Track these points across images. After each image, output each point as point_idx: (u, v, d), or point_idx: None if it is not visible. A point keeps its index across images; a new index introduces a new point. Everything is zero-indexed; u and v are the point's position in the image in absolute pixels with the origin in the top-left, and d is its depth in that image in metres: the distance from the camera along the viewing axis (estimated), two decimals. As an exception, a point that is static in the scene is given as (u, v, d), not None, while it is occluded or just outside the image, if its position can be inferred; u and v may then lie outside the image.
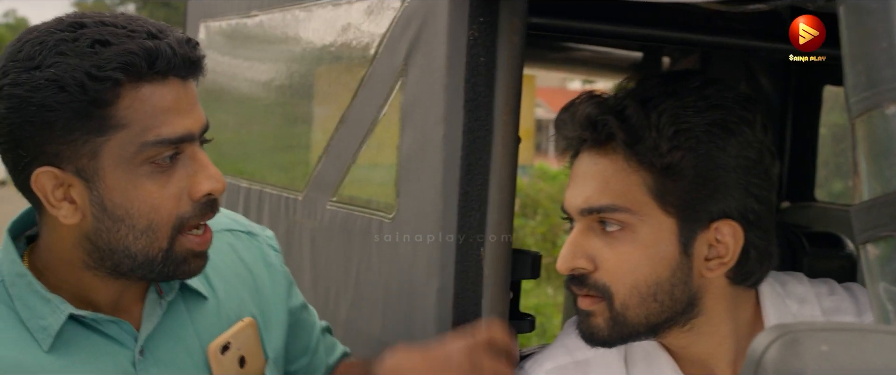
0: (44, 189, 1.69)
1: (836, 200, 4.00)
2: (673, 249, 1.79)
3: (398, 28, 2.21)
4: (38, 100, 1.62)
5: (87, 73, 1.61)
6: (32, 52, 1.64)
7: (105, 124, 1.65)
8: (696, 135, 1.75)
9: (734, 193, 1.77)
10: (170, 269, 1.78)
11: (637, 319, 1.82)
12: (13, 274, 1.78)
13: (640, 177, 1.78)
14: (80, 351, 1.77)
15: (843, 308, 1.96)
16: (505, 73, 1.96)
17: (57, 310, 1.75)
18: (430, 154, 2.05)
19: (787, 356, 0.96)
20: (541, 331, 9.78)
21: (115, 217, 1.71)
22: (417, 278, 2.11)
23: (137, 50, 1.64)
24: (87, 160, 1.67)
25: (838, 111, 5.34)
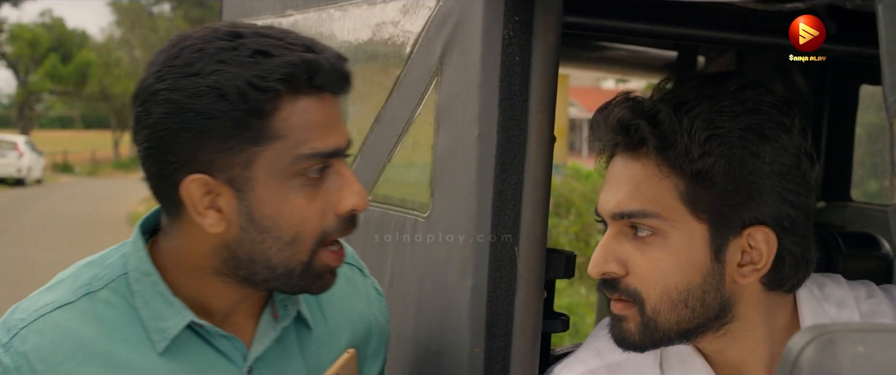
0: (192, 196, 1.68)
1: (871, 200, 3.98)
2: (704, 255, 1.78)
3: (433, 27, 2.21)
4: (198, 107, 1.62)
5: (249, 83, 1.62)
6: (191, 59, 1.64)
7: (262, 135, 1.65)
8: (729, 140, 1.73)
9: (768, 199, 1.75)
10: (306, 283, 1.78)
11: (668, 325, 1.81)
12: (139, 272, 1.79)
13: (671, 182, 1.76)
14: (191, 360, 1.79)
15: (881, 311, 1.94)
16: (540, 72, 1.96)
17: (179, 315, 1.76)
18: (464, 153, 2.05)
19: (822, 357, 0.96)
20: (574, 331, 9.77)
21: (261, 228, 1.71)
22: (451, 277, 2.11)
23: (299, 62, 1.65)
24: (241, 170, 1.67)
25: (874, 110, 5.31)
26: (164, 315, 1.76)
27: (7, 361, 1.70)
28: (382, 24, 2.49)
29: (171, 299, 1.77)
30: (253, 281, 1.77)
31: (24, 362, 1.70)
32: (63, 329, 1.73)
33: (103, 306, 1.77)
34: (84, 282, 1.79)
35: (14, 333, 1.73)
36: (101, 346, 1.74)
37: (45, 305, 1.76)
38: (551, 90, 1.98)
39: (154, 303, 1.77)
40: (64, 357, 1.71)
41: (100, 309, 1.77)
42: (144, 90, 1.68)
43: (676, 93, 1.80)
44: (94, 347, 1.73)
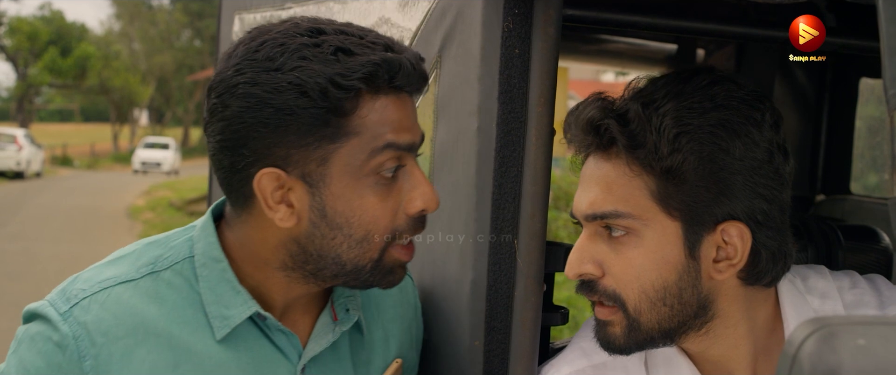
0: (264, 190, 1.69)
1: (871, 193, 3.98)
2: (679, 253, 1.78)
3: (432, 20, 2.21)
4: (278, 102, 1.63)
5: (331, 81, 1.63)
6: (273, 54, 1.65)
7: (339, 132, 1.66)
8: (698, 137, 1.73)
9: (740, 195, 1.75)
10: (375, 278, 1.80)
11: (650, 324, 1.81)
12: (208, 257, 1.80)
13: (642, 180, 1.77)
14: (248, 351, 1.79)
15: (865, 301, 1.94)
16: (540, 65, 1.96)
17: (245, 304, 1.77)
18: (464, 146, 2.05)
19: (823, 350, 0.96)
20: (573, 324, 9.76)
21: (333, 224, 1.72)
22: (451, 270, 2.11)
23: (380, 61, 1.66)
24: (316, 166, 1.68)
25: (874, 103, 5.31)
26: (230, 303, 1.77)
27: (65, 330, 1.69)
28: (382, 17, 2.49)
29: (238, 288, 1.78)
30: (320, 276, 1.78)
31: (84, 332, 1.69)
32: (126, 304, 1.74)
33: (166, 287, 1.78)
34: (148, 261, 1.80)
35: (75, 302, 1.72)
36: (161, 326, 1.74)
37: (109, 278, 1.77)
38: (551, 83, 1.97)
39: (220, 290, 1.77)
40: (125, 333, 1.72)
41: (162, 289, 1.77)
42: (222, 82, 1.68)
43: (646, 92, 1.80)
44: (154, 326, 1.74)
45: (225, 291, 1.77)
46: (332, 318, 1.89)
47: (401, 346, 2.06)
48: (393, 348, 2.03)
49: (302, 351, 1.84)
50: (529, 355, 1.99)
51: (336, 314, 1.90)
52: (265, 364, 1.80)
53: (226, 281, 1.78)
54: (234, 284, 1.77)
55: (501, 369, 2.00)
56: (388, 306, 2.03)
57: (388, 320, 2.03)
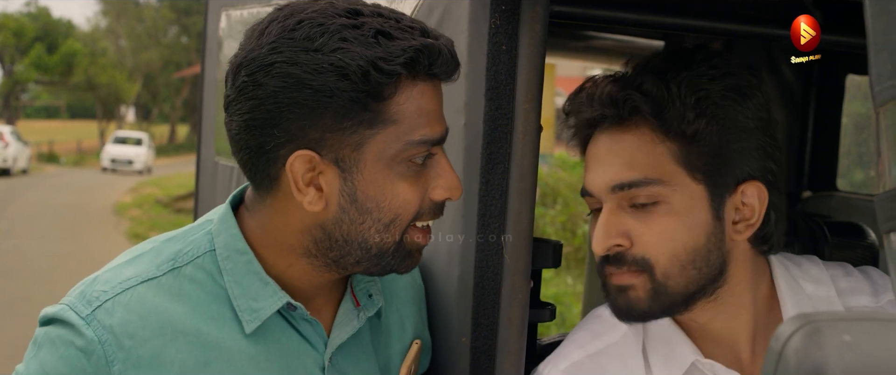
0: (296, 172, 1.67)
1: (857, 190, 3.99)
2: (706, 215, 1.83)
3: (420, 16, 2.20)
4: (318, 83, 1.60)
5: (373, 64, 1.60)
6: (312, 34, 1.62)
7: (377, 118, 1.65)
8: (715, 100, 1.80)
9: (755, 154, 1.83)
10: (396, 262, 1.78)
11: (677, 288, 1.84)
12: (231, 249, 1.77)
13: (666, 147, 1.81)
14: (277, 343, 1.78)
15: (859, 288, 1.99)
16: (526, 62, 1.96)
17: (274, 296, 1.75)
18: (451, 142, 2.05)
19: (809, 346, 0.96)
20: (560, 320, 9.78)
21: (363, 209, 1.70)
22: (438, 267, 2.11)
23: (421, 47, 1.64)
24: (350, 151, 1.66)
25: (860, 100, 5.32)
26: (258, 295, 1.75)
27: (90, 334, 1.65)
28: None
29: (266, 279, 1.76)
30: (342, 263, 1.76)
31: (110, 336, 1.66)
32: (150, 304, 1.71)
33: (188, 282, 1.75)
34: (168, 257, 1.77)
35: (98, 305, 1.68)
36: (189, 324, 1.72)
37: (130, 278, 1.73)
38: (538, 80, 1.97)
39: (247, 282, 1.75)
40: (152, 334, 1.69)
41: (185, 285, 1.75)
42: (255, 60, 1.64)
43: (653, 67, 1.85)
44: (182, 324, 1.71)
45: (252, 283, 1.75)
46: (354, 304, 1.88)
47: (416, 327, 2.06)
48: (409, 330, 2.03)
49: (327, 340, 1.83)
50: (516, 351, 1.99)
51: (358, 300, 1.89)
52: (293, 356, 1.79)
53: (252, 273, 1.76)
54: (261, 275, 1.75)
55: (488, 365, 2.00)
56: (399, 288, 2.03)
57: (401, 302, 2.03)
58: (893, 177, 1.22)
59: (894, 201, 1.21)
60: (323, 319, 1.85)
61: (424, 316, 2.12)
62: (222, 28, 3.57)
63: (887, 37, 1.23)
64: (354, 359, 1.88)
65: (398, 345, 1.99)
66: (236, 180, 3.27)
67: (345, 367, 1.85)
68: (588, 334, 2.01)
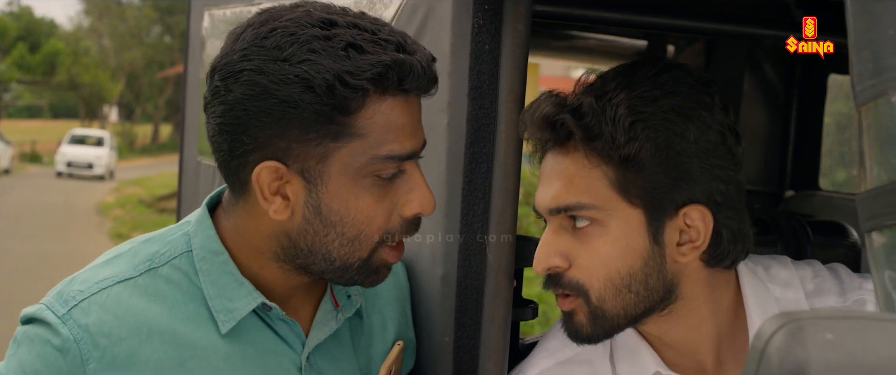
0: (262, 181, 1.67)
1: (839, 189, 4.00)
2: (643, 240, 1.80)
3: (403, 16, 2.20)
4: (283, 94, 1.60)
5: (339, 78, 1.59)
6: (282, 43, 1.61)
7: (343, 131, 1.64)
8: (652, 124, 1.75)
9: (698, 178, 1.78)
10: (361, 277, 1.78)
11: (615, 311, 1.83)
12: (207, 250, 1.78)
13: (601, 171, 1.78)
14: (253, 343, 1.78)
15: (826, 288, 1.98)
16: (509, 61, 1.96)
17: (249, 296, 1.76)
18: (434, 142, 2.05)
19: (791, 344, 0.96)
20: (544, 319, 9.78)
21: (327, 222, 1.70)
22: (422, 266, 2.11)
23: (391, 63, 1.62)
24: (315, 162, 1.66)
25: (842, 100, 5.34)
26: (234, 296, 1.75)
27: (66, 333, 1.66)
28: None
29: (241, 279, 1.76)
30: (309, 270, 1.76)
31: (86, 335, 1.66)
32: (126, 304, 1.71)
33: (165, 283, 1.76)
34: (145, 258, 1.78)
35: (74, 305, 1.69)
36: (165, 324, 1.72)
37: (106, 278, 1.74)
38: (521, 79, 1.97)
39: (223, 283, 1.76)
40: (128, 333, 1.69)
41: (161, 285, 1.75)
42: (227, 66, 1.65)
43: (597, 86, 1.82)
44: (158, 324, 1.71)
45: (228, 284, 1.75)
46: (334, 305, 1.88)
47: (399, 328, 2.06)
48: (391, 331, 2.03)
49: (305, 340, 1.83)
50: (499, 351, 1.99)
51: (337, 300, 1.89)
52: (270, 355, 1.79)
53: (228, 274, 1.76)
54: (236, 276, 1.76)
55: (471, 365, 2.00)
56: (382, 289, 2.03)
57: (384, 303, 2.03)
58: (875, 176, 1.23)
59: (875, 200, 1.22)
60: (301, 319, 1.85)
61: (408, 317, 2.12)
62: (205, 27, 3.56)
63: (868, 36, 1.23)
64: (333, 360, 1.88)
65: (380, 346, 1.99)
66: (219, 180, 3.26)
67: (323, 367, 1.85)
68: (558, 342, 2.01)
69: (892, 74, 1.21)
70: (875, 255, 1.22)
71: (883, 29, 1.22)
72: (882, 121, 1.22)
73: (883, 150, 1.22)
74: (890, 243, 1.20)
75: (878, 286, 1.22)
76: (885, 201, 1.21)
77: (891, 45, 1.21)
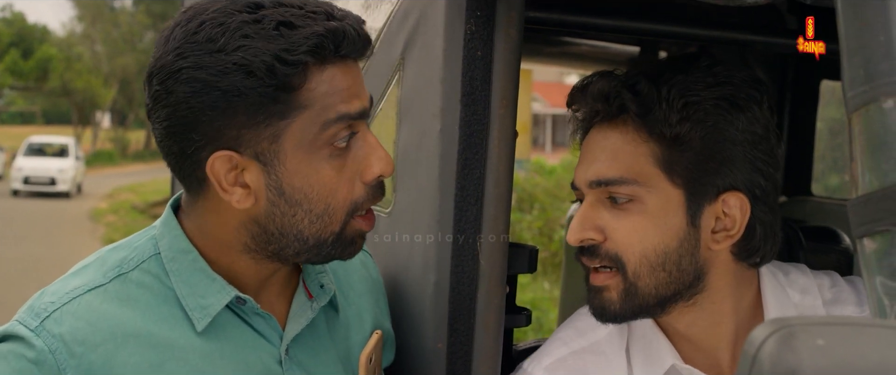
0: (217, 173, 1.66)
1: (832, 195, 4.00)
2: (680, 220, 1.83)
3: (395, 22, 2.21)
4: (224, 84, 1.59)
5: (277, 57, 1.58)
6: (213, 34, 1.60)
7: (289, 107, 1.63)
8: (704, 108, 1.80)
9: (741, 166, 1.82)
10: (337, 251, 1.77)
11: (647, 289, 1.85)
12: (176, 250, 1.76)
13: (649, 148, 1.82)
14: (230, 339, 1.77)
15: (844, 298, 1.98)
16: (502, 67, 1.96)
17: (222, 291, 1.74)
18: (426, 148, 2.05)
19: (782, 350, 0.96)
20: (537, 326, 9.79)
21: (292, 201, 1.69)
22: (414, 272, 2.11)
23: (325, 32, 1.62)
24: (268, 144, 1.65)
25: (835, 105, 5.34)
26: (206, 292, 1.74)
27: (39, 345, 1.63)
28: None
29: (213, 275, 1.75)
30: (282, 255, 1.75)
31: (60, 344, 1.64)
32: (98, 310, 1.69)
33: (136, 287, 1.74)
34: (114, 265, 1.76)
35: (46, 316, 1.67)
36: (140, 326, 1.70)
37: (76, 288, 1.72)
38: (513, 86, 1.98)
39: (194, 281, 1.74)
40: (103, 339, 1.67)
41: (133, 290, 1.73)
42: (163, 68, 1.63)
43: (651, 69, 1.86)
44: (133, 327, 1.70)
45: (199, 280, 1.74)
46: (307, 296, 1.88)
47: (375, 318, 2.05)
48: (368, 321, 2.03)
49: (282, 333, 1.82)
50: (492, 357, 1.99)
51: (310, 291, 1.88)
52: (248, 351, 1.78)
53: (199, 271, 1.75)
54: (207, 272, 1.75)
55: (464, 371, 2.00)
56: (354, 281, 2.03)
57: (357, 295, 2.03)
58: (866, 182, 1.23)
59: (867, 206, 1.22)
60: (277, 313, 1.84)
61: (384, 308, 2.12)
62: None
63: (860, 42, 1.24)
64: (312, 351, 1.87)
65: (357, 336, 1.99)
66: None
67: (302, 359, 1.85)
68: (573, 331, 2.03)
69: (883, 80, 1.21)
70: (867, 261, 1.23)
71: (874, 35, 1.22)
72: (873, 127, 1.22)
73: (874, 156, 1.22)
74: (881, 249, 1.21)
75: (869, 292, 1.22)
76: (876, 207, 1.21)
77: (882, 51, 1.21)
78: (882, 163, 1.21)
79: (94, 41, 62.83)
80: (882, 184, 1.21)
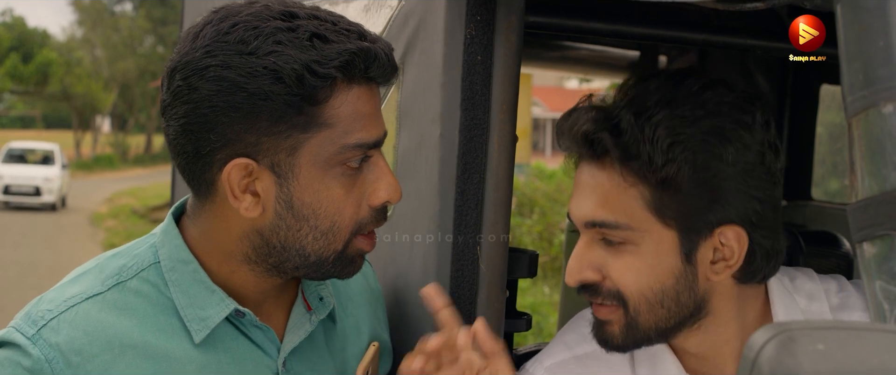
0: (231, 179, 1.65)
1: (832, 199, 4.00)
2: (675, 260, 1.79)
3: (395, 26, 2.20)
4: (253, 86, 1.58)
5: (307, 67, 1.59)
6: (246, 37, 1.60)
7: (312, 121, 1.63)
8: (691, 146, 1.73)
9: (733, 199, 1.77)
10: (337, 269, 1.77)
11: (647, 324, 1.83)
12: (176, 260, 1.75)
13: (637, 191, 1.78)
14: (228, 351, 1.76)
15: (851, 303, 1.97)
16: (502, 72, 1.96)
17: (221, 303, 1.74)
18: (426, 153, 2.05)
19: (782, 354, 0.96)
20: (537, 330, 9.79)
21: (300, 215, 1.69)
22: (414, 276, 2.11)
23: (357, 51, 1.62)
24: (286, 155, 1.64)
25: (835, 110, 5.35)
26: (205, 304, 1.73)
27: (36, 353, 1.62)
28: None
29: (212, 287, 1.74)
30: (282, 268, 1.75)
31: (57, 354, 1.62)
32: (96, 319, 1.68)
33: (134, 296, 1.72)
34: (112, 273, 1.74)
35: (42, 324, 1.65)
36: (137, 337, 1.69)
37: (74, 296, 1.70)
38: (513, 90, 1.98)
39: (193, 292, 1.73)
40: (100, 349, 1.65)
41: (131, 299, 1.72)
42: (189, 64, 1.63)
43: (637, 99, 1.80)
44: (130, 338, 1.68)
45: (199, 292, 1.73)
46: (306, 308, 1.87)
47: (373, 330, 2.05)
48: (365, 333, 2.02)
49: (280, 345, 1.82)
50: (492, 361, 1.99)
51: (309, 303, 1.88)
52: (246, 363, 1.77)
53: (198, 282, 1.74)
54: (207, 284, 1.74)
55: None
56: (353, 293, 2.03)
57: (356, 307, 2.02)
58: (866, 186, 1.23)
59: (866, 210, 1.22)
60: (275, 324, 1.83)
61: (382, 319, 2.12)
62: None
63: (859, 48, 1.24)
64: (309, 363, 1.87)
65: (354, 348, 1.98)
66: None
67: (300, 371, 1.84)
68: (577, 336, 2.02)
69: (883, 86, 1.21)
70: (866, 265, 1.23)
71: (873, 40, 1.22)
72: (872, 132, 1.22)
73: (873, 161, 1.22)
74: (881, 253, 1.21)
75: (869, 296, 1.22)
76: (875, 211, 1.21)
77: (881, 56, 1.21)
78: (881, 168, 1.21)
79: (94, 46, 62.78)
80: (881, 188, 1.21)
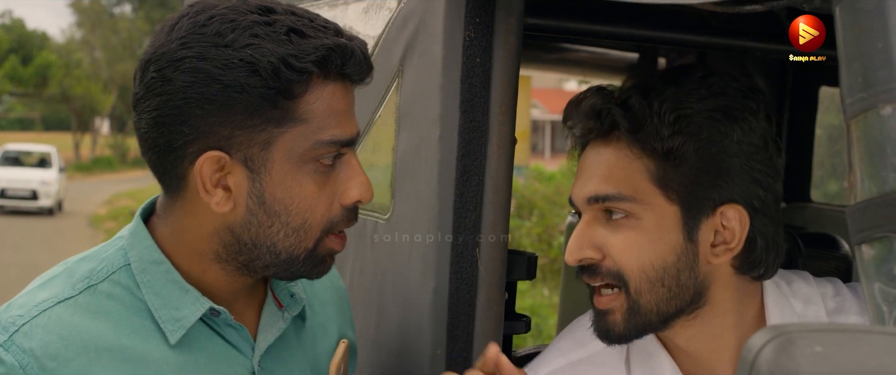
0: (204, 173, 1.63)
1: (831, 201, 4.00)
2: (677, 235, 1.81)
3: (394, 29, 2.21)
4: (228, 78, 1.57)
5: (284, 61, 1.58)
6: (223, 29, 1.59)
7: (287, 116, 1.62)
8: (697, 120, 1.77)
9: (738, 179, 1.79)
10: (307, 268, 1.76)
11: (649, 306, 1.83)
12: (147, 261, 1.73)
13: (642, 164, 1.80)
14: (203, 351, 1.75)
15: (847, 307, 1.97)
16: (501, 74, 1.96)
17: (196, 302, 1.72)
18: (425, 155, 2.05)
19: (780, 357, 0.96)
20: (536, 332, 9.79)
21: (271, 212, 1.68)
22: (413, 279, 2.11)
23: (334, 46, 1.62)
24: (259, 149, 1.64)
25: (834, 112, 5.35)
26: (180, 304, 1.71)
27: (10, 360, 1.59)
28: (343, 24, 2.48)
29: (186, 287, 1.72)
30: (252, 267, 1.74)
31: (31, 359, 1.60)
32: (69, 324, 1.65)
33: (106, 299, 1.70)
34: (82, 277, 1.72)
35: (14, 330, 1.62)
36: (112, 340, 1.67)
37: (45, 300, 1.68)
38: (512, 92, 1.98)
39: (167, 292, 1.71)
40: (75, 353, 1.63)
41: (103, 302, 1.70)
42: (164, 55, 1.61)
43: (644, 83, 1.84)
44: (105, 341, 1.66)
45: (172, 292, 1.71)
46: (277, 306, 1.87)
47: (340, 327, 2.05)
48: (333, 331, 2.02)
49: (253, 344, 1.81)
50: (491, 363, 1.99)
51: (280, 301, 1.87)
52: (222, 363, 1.76)
53: (172, 282, 1.72)
54: (181, 284, 1.72)
55: (463, 377, 2.00)
56: (319, 290, 2.02)
57: (321, 305, 2.02)
58: (865, 188, 1.23)
59: (865, 213, 1.22)
60: (247, 323, 1.82)
61: (348, 317, 2.12)
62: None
63: (858, 50, 1.24)
64: (283, 361, 1.86)
65: (324, 346, 1.98)
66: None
67: (275, 370, 1.84)
68: (572, 342, 2.02)
69: (882, 87, 1.21)
70: (865, 267, 1.23)
71: (872, 42, 1.23)
72: (871, 134, 1.23)
73: (872, 163, 1.22)
74: (880, 255, 1.21)
75: (867, 298, 1.22)
76: (874, 213, 1.21)
77: (880, 58, 1.22)
78: (880, 170, 1.21)
79: (93, 47, 62.78)
80: (880, 190, 1.21)
